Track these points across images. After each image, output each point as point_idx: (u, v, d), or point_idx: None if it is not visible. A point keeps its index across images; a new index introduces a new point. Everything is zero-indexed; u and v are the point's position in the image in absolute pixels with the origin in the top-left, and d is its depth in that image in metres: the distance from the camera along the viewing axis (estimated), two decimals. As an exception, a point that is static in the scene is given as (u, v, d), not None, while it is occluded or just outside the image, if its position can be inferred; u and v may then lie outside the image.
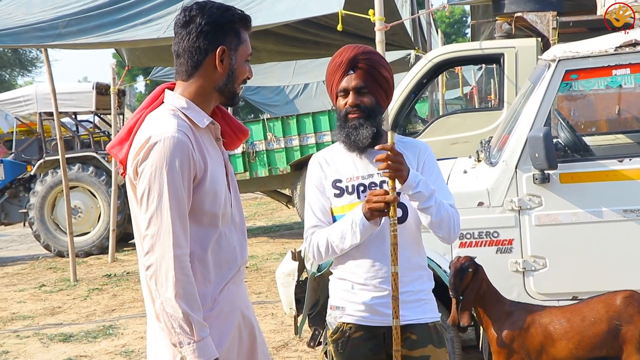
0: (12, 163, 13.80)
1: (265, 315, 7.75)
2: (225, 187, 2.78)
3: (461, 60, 9.42)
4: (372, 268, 3.18)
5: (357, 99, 3.17)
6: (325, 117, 12.40)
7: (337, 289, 3.30)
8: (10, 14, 8.82)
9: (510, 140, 4.96)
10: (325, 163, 3.29)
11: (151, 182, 2.58)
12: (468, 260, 4.36)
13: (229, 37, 2.72)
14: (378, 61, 3.22)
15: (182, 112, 2.69)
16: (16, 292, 10.24)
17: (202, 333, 2.58)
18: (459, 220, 3.17)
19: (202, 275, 2.69)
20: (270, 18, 8.32)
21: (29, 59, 39.18)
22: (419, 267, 3.25)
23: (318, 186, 3.28)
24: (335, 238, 3.16)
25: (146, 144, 2.59)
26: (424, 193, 3.04)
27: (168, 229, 2.56)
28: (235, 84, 2.77)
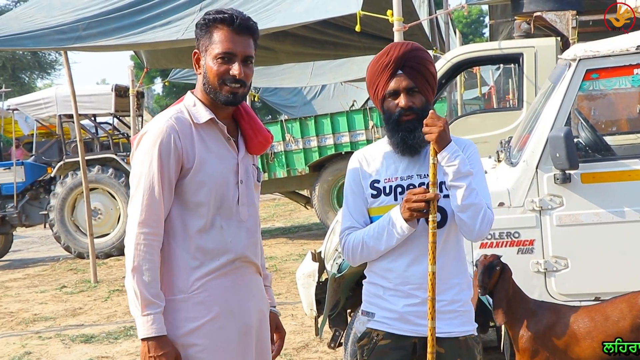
0: (32, 165, 13.89)
1: (286, 316, 7.76)
2: (232, 183, 2.91)
3: (480, 60, 9.39)
4: (404, 273, 3.05)
5: (409, 100, 3.05)
6: (344, 118, 12.38)
7: (368, 294, 3.19)
8: (31, 17, 8.88)
9: (530, 140, 4.94)
10: (365, 161, 3.18)
11: (135, 168, 2.84)
12: (495, 258, 4.35)
13: (203, 40, 2.89)
14: (426, 58, 3.10)
15: (187, 109, 2.90)
16: (37, 294, 10.30)
17: (149, 309, 2.75)
18: (491, 220, 3.01)
19: (183, 260, 2.85)
20: (288, 19, 8.32)
21: (48, 62, 39.36)
22: (456, 275, 3.10)
23: (356, 185, 3.18)
24: (370, 240, 3.06)
25: (140, 135, 2.87)
26: (460, 169, 2.93)
27: (139, 209, 2.78)
28: (212, 84, 2.87)
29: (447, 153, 2.94)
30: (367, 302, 3.18)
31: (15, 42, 8.72)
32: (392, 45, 3.14)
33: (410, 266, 3.05)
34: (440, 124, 2.93)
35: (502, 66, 21.99)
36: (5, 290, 10.84)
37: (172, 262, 2.85)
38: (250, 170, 3.00)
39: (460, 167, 2.94)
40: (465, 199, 2.95)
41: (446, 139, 2.95)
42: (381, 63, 3.09)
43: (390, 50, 3.10)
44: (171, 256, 2.85)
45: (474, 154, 3.13)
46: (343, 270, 4.91)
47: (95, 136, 14.08)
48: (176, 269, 2.85)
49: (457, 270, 3.11)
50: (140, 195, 2.78)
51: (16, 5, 37.09)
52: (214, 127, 2.90)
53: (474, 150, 3.15)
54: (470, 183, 2.95)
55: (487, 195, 3.06)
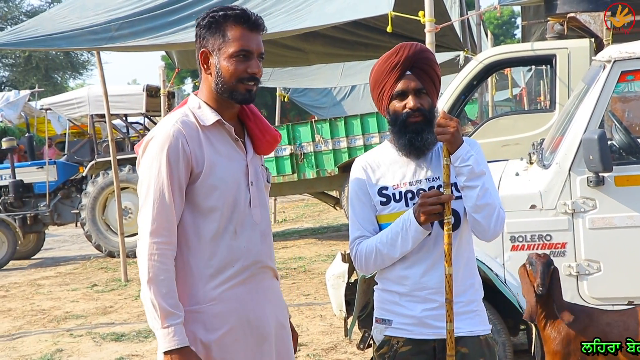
0: (64, 164, 14.02)
1: (314, 316, 7.76)
2: (243, 186, 2.83)
3: (512, 62, 9.30)
4: (421, 279, 3.02)
5: (418, 101, 3.01)
6: (374, 119, 12.37)
7: (382, 301, 3.14)
8: (64, 18, 8.96)
9: (563, 142, 4.90)
10: (369, 168, 3.12)
11: (143, 175, 2.75)
12: (548, 257, 4.32)
13: (213, 39, 2.79)
14: (433, 59, 3.08)
15: (192, 112, 2.82)
16: (69, 292, 10.39)
17: (169, 321, 2.65)
18: (503, 219, 2.98)
19: (197, 269, 2.77)
20: (319, 20, 8.31)
21: (80, 62, 39.74)
22: (470, 276, 3.10)
23: (363, 194, 3.11)
24: (384, 247, 3.00)
25: (146, 140, 2.79)
26: (474, 169, 2.90)
27: (150, 218, 2.69)
28: (227, 83, 2.78)
29: (460, 153, 2.92)
30: (382, 309, 3.13)
31: (49, 42, 8.80)
32: (401, 46, 3.08)
33: (426, 273, 3.01)
34: (454, 124, 2.90)
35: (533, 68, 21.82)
36: (38, 288, 10.95)
37: (186, 271, 2.76)
38: (260, 171, 2.94)
39: (475, 167, 2.91)
40: (480, 199, 2.92)
41: (459, 139, 2.93)
42: (390, 63, 3.06)
43: (399, 51, 3.06)
44: (185, 265, 2.76)
45: (480, 153, 3.07)
46: (373, 271, 4.90)
47: (127, 136, 14.19)
48: (190, 278, 2.76)
49: (470, 272, 3.11)
50: (151, 203, 2.70)
51: (50, 6, 37.49)
52: (221, 129, 2.83)
53: (477, 150, 3.07)
54: (484, 183, 2.93)
55: (496, 194, 3.02)
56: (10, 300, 10.15)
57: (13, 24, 36.21)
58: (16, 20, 37.10)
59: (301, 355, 6.53)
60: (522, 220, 4.86)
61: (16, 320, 8.84)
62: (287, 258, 11.43)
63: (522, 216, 4.86)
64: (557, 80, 8.00)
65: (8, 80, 39.05)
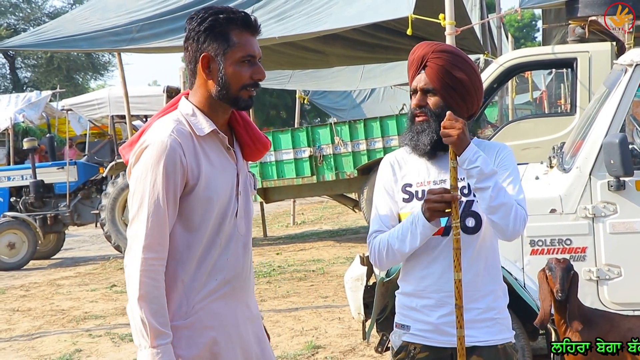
0: (85, 165, 14.10)
1: (332, 319, 7.76)
2: (232, 196, 2.74)
3: (533, 65, 9.27)
4: (438, 281, 2.97)
5: (423, 100, 2.99)
6: (393, 122, 12.35)
7: (402, 306, 3.11)
8: (86, 19, 9.03)
9: (584, 146, 4.88)
10: (397, 165, 3.11)
11: (137, 185, 2.62)
12: (568, 262, 4.29)
13: (216, 43, 2.66)
14: (451, 61, 2.98)
15: (185, 119, 2.69)
16: (88, 292, 10.44)
17: (158, 340, 2.55)
18: (523, 218, 2.89)
19: (182, 283, 2.67)
20: (340, 22, 8.33)
21: (101, 63, 39.98)
22: (491, 281, 3.02)
23: (387, 189, 3.09)
24: (395, 241, 2.97)
25: (139, 147, 2.65)
26: (483, 170, 2.82)
27: (142, 232, 2.57)
28: (230, 89, 2.67)
29: (467, 155, 2.85)
30: (401, 314, 3.11)
31: (71, 43, 8.88)
32: (420, 44, 3.08)
33: (444, 273, 2.96)
34: (459, 126, 2.84)
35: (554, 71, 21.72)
36: (57, 288, 11.01)
37: (171, 285, 2.65)
38: (248, 180, 2.85)
39: (483, 168, 2.83)
40: (493, 200, 2.84)
41: (465, 142, 2.85)
42: (409, 60, 3.08)
43: (416, 49, 3.06)
44: (172, 278, 2.65)
45: (507, 155, 3.03)
46: (391, 274, 4.89)
47: (147, 137, 14.23)
48: (176, 292, 2.66)
49: (492, 277, 3.02)
50: (145, 216, 2.57)
51: (72, 7, 37.75)
52: (215, 138, 2.72)
53: (507, 152, 3.04)
54: (496, 183, 2.85)
55: (519, 193, 2.95)
56: (30, 299, 10.21)
57: (35, 25, 36.49)
58: (38, 22, 37.38)
59: (319, 357, 6.53)
60: (542, 224, 4.83)
61: (36, 320, 8.89)
62: (305, 260, 11.44)
63: (542, 220, 4.83)
64: (578, 84, 7.97)
65: (30, 81, 39.37)
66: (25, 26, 38.07)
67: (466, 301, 2.91)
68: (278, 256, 12.09)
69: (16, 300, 10.22)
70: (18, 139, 20.52)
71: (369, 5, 8.16)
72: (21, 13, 38.96)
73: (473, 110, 3.08)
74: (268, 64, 12.87)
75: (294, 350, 6.74)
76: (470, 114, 3.08)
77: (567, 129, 7.73)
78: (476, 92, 3.03)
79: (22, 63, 39.39)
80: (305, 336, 7.20)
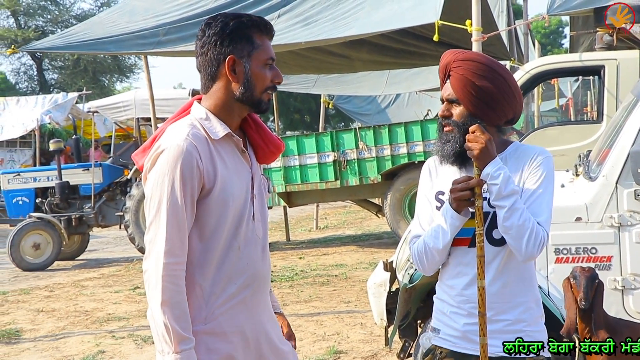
0: (110, 167, 14.19)
1: (355, 324, 7.75)
2: (248, 199, 2.75)
3: (560, 72, 9.23)
4: (464, 291, 2.97)
5: (448, 110, 2.98)
6: (418, 127, 12.32)
7: (436, 310, 3.12)
8: (114, 22, 9.09)
9: (611, 155, 4.83)
10: (434, 171, 3.12)
11: (154, 190, 2.61)
12: (593, 270, 4.26)
13: (240, 45, 2.68)
14: (473, 69, 2.93)
15: (199, 123, 2.70)
16: (112, 294, 10.49)
17: (182, 345, 2.55)
18: (541, 242, 2.83)
19: (201, 288, 2.67)
20: (366, 27, 8.31)
21: (127, 65, 40.24)
22: (521, 293, 2.97)
23: (427, 195, 3.11)
24: (430, 240, 2.97)
25: (155, 152, 2.65)
26: (501, 189, 2.79)
27: (162, 237, 2.57)
28: (254, 91, 2.70)
29: (488, 171, 2.83)
30: (435, 318, 3.13)
31: (99, 46, 8.94)
32: (446, 52, 3.06)
33: (469, 286, 2.95)
34: (482, 140, 2.81)
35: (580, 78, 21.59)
36: (81, 289, 11.08)
37: (191, 290, 2.65)
38: (262, 183, 2.88)
39: (502, 187, 2.80)
40: (506, 220, 2.82)
41: (488, 156, 2.83)
42: (438, 69, 3.08)
43: (442, 58, 3.05)
44: (191, 283, 2.65)
45: (545, 162, 2.95)
46: (415, 280, 4.88)
47: (172, 140, 14.29)
48: (195, 297, 2.67)
49: (522, 288, 2.98)
50: (164, 221, 2.58)
51: (100, 10, 38.02)
52: (229, 141, 2.73)
53: (544, 158, 2.96)
54: (513, 204, 2.80)
55: (543, 210, 2.89)
56: (54, 300, 10.28)
57: (63, 27, 36.84)
58: (66, 24, 37.72)
59: (341, 362, 6.53)
60: (567, 233, 4.80)
61: (60, 321, 8.95)
62: (328, 265, 11.43)
63: (567, 228, 4.79)
64: (605, 92, 7.91)
65: (57, 83, 39.70)
66: (53, 28, 38.43)
67: (495, 312, 2.91)
68: (301, 260, 12.10)
69: (41, 300, 10.30)
70: (44, 140, 20.67)
71: (396, 10, 8.14)
72: (49, 15, 39.34)
73: (509, 117, 3.01)
74: (294, 68, 12.89)
75: (316, 355, 6.74)
76: (508, 119, 3.01)
77: (593, 137, 7.68)
78: (505, 97, 2.95)
79: (50, 65, 39.75)
80: (327, 341, 7.20)
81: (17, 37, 34.18)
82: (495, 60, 3.09)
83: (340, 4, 8.54)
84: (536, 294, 3.06)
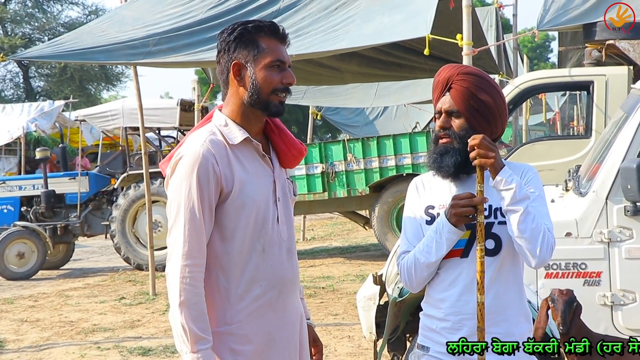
0: (96, 176, 14.13)
1: (342, 337, 7.72)
2: (270, 202, 2.82)
3: (549, 87, 9.28)
4: (456, 304, 2.96)
5: (447, 122, 3.00)
6: (406, 140, 12.35)
7: (423, 327, 3.10)
8: (104, 32, 9.05)
9: (601, 171, 4.85)
10: (422, 187, 3.12)
11: (173, 195, 2.73)
12: (571, 293, 4.25)
13: (245, 50, 2.77)
14: (476, 83, 2.98)
15: (219, 130, 2.79)
16: (97, 304, 10.43)
17: (198, 345, 2.63)
18: (552, 245, 2.89)
19: (225, 289, 2.75)
20: (357, 41, 8.31)
21: (114, 74, 40.12)
22: (512, 306, 2.99)
23: (414, 211, 3.10)
24: (421, 255, 2.96)
25: (175, 159, 2.76)
26: (517, 194, 2.83)
27: (181, 240, 2.67)
28: (262, 94, 2.77)
29: (502, 177, 2.86)
30: (423, 335, 3.10)
31: (88, 55, 8.90)
32: (445, 66, 3.09)
33: (462, 295, 2.96)
34: (494, 149, 2.87)
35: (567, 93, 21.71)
36: (66, 299, 11.01)
37: (215, 291, 2.75)
38: (286, 186, 2.94)
39: (517, 191, 2.84)
40: (521, 223, 2.84)
41: (502, 163, 2.88)
42: (434, 81, 3.09)
43: (442, 71, 3.07)
44: (214, 285, 2.75)
45: (534, 178, 3.03)
46: (404, 294, 4.87)
47: (159, 149, 14.27)
48: (219, 298, 2.75)
49: (512, 302, 2.99)
50: (182, 225, 2.68)
51: (88, 18, 37.93)
52: (249, 146, 2.81)
53: (534, 174, 3.04)
54: (527, 207, 2.84)
55: (548, 220, 2.95)
56: (38, 310, 10.21)
57: (50, 35, 36.71)
58: (54, 32, 37.59)
59: (328, 376, 6.50)
60: (557, 248, 4.67)
61: (44, 331, 8.88)
62: (315, 277, 11.41)
63: (557, 243, 4.74)
64: (594, 107, 7.95)
65: (43, 90, 39.53)
66: (40, 36, 38.30)
67: (486, 325, 2.90)
68: (288, 272, 12.05)
69: (25, 310, 10.23)
70: (30, 148, 20.56)
71: (387, 24, 8.14)
72: (36, 23, 39.18)
73: (497, 134, 3.08)
74: (283, 80, 12.86)
75: (303, 368, 6.70)
76: (495, 137, 3.06)
77: (582, 152, 7.72)
78: (501, 114, 3.03)
79: (36, 72, 39.58)
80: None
81: (3, 44, 34.02)
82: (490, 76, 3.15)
83: (331, 16, 8.55)
84: (526, 309, 3.07)
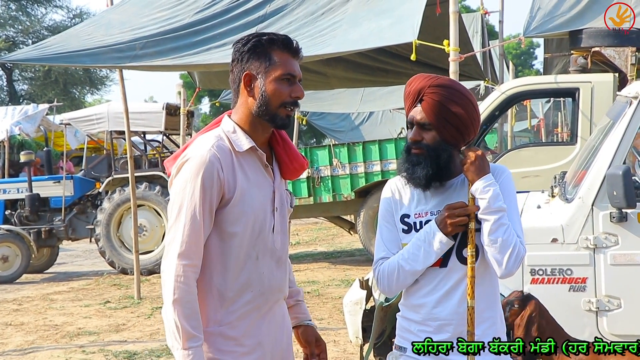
0: (81, 179, 14.07)
1: (328, 342, 7.71)
2: (268, 212, 2.88)
3: (535, 93, 9.35)
4: (433, 309, 2.99)
5: (419, 134, 2.99)
6: (392, 145, 12.39)
7: (400, 328, 3.12)
8: (90, 35, 9.03)
9: (587, 177, 4.89)
10: (397, 192, 3.12)
11: (176, 195, 2.78)
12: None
13: (258, 62, 2.82)
14: (447, 95, 2.96)
15: (226, 136, 2.85)
16: (82, 307, 10.38)
17: (190, 342, 2.69)
18: (521, 255, 2.90)
19: (218, 291, 2.82)
20: (343, 46, 8.32)
21: (99, 77, 39.92)
22: (488, 309, 3.01)
23: (389, 215, 3.11)
24: (406, 263, 2.97)
25: (181, 161, 2.82)
26: (490, 204, 2.87)
27: (178, 240, 2.74)
28: (271, 106, 2.82)
29: (478, 186, 2.91)
30: (400, 336, 3.13)
31: (74, 58, 8.87)
32: (417, 76, 3.08)
33: (439, 303, 2.98)
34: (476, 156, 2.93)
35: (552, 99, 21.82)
36: (50, 302, 10.96)
37: (207, 292, 2.81)
38: (284, 197, 3.00)
39: (491, 202, 2.87)
40: (492, 232, 2.88)
41: (483, 171, 2.92)
42: (406, 92, 3.08)
43: (413, 81, 3.06)
44: (207, 286, 2.81)
45: (506, 181, 3.03)
46: (391, 299, 4.88)
47: (144, 153, 14.24)
48: (211, 299, 2.82)
49: (488, 304, 3.02)
50: (182, 225, 2.73)
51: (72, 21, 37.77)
52: (253, 155, 2.86)
53: (506, 177, 3.04)
54: (500, 218, 2.87)
55: (518, 228, 2.96)
56: (23, 314, 10.15)
57: (34, 38, 36.52)
58: (38, 35, 37.39)
59: (314, 380, 6.48)
60: (542, 254, 4.83)
61: (29, 335, 8.83)
62: (300, 281, 11.39)
63: (543, 249, 4.83)
64: (579, 114, 8.00)
65: (27, 94, 39.32)
66: (24, 39, 38.08)
67: (464, 328, 2.94)
68: (273, 277, 12.04)
69: (9, 314, 10.17)
70: (13, 151, 20.45)
71: (373, 29, 8.16)
72: (20, 26, 38.96)
73: (470, 139, 3.07)
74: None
75: (289, 372, 6.70)
76: (467, 142, 3.07)
77: (567, 159, 7.76)
78: (473, 123, 3.02)
79: (20, 75, 39.37)
80: (299, 358, 7.16)
81: (-13, 47, 33.88)
82: (463, 85, 3.15)
83: (318, 21, 8.56)
84: (500, 310, 3.12)
